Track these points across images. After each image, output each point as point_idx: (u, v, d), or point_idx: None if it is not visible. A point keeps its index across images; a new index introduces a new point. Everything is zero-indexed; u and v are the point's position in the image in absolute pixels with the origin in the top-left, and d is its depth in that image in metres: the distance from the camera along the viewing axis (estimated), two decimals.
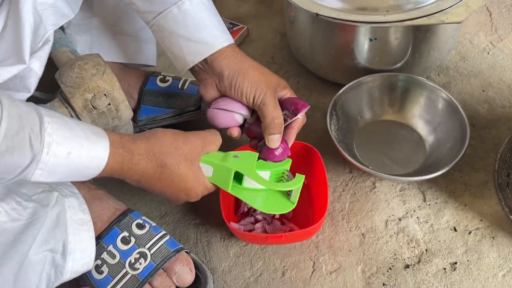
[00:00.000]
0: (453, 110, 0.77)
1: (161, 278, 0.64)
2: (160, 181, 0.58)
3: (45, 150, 0.47)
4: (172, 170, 0.57)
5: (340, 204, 0.75)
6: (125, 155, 0.54)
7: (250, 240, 0.72)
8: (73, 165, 0.50)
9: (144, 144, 0.56)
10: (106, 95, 0.66)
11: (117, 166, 0.54)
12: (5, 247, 0.53)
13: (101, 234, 0.64)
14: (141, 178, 0.57)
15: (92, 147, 0.51)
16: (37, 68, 0.58)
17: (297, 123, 0.68)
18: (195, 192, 0.60)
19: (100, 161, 0.52)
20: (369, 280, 0.67)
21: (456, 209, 0.73)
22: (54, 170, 0.49)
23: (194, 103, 0.79)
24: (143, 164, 0.56)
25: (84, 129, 0.52)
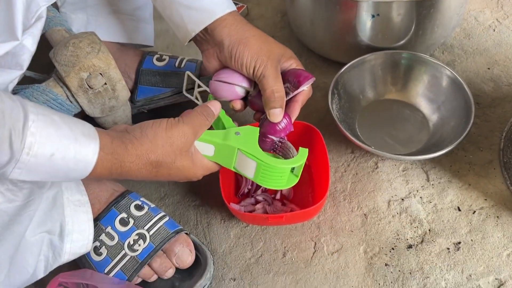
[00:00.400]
0: (457, 88, 0.76)
1: (160, 259, 0.63)
2: (157, 177, 0.55)
3: (25, 151, 0.44)
4: (168, 166, 0.55)
5: (342, 184, 0.74)
6: (114, 162, 0.51)
7: (250, 221, 0.71)
8: (55, 167, 0.47)
9: (135, 150, 0.52)
10: (102, 74, 0.64)
11: (105, 172, 0.51)
12: (0, 228, 0.52)
13: (99, 216, 0.63)
14: (135, 178, 0.55)
15: (79, 150, 0.48)
16: (29, 44, 0.56)
17: (301, 96, 0.65)
18: (195, 176, 0.59)
19: (86, 165, 0.49)
20: (371, 260, 0.66)
21: (460, 189, 0.72)
22: (35, 170, 0.46)
23: (192, 81, 0.77)
24: (135, 170, 0.53)
25: (73, 129, 0.48)
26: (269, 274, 0.66)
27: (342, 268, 0.66)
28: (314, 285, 0.65)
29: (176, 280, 0.65)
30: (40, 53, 0.74)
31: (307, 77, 0.62)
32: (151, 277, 0.64)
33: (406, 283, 0.64)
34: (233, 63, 0.62)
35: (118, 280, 0.62)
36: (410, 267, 0.65)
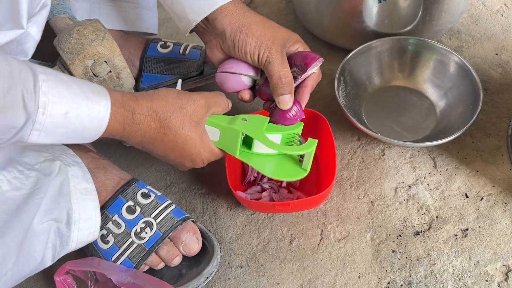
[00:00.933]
0: (465, 74, 0.75)
1: (167, 247, 0.63)
2: (163, 143, 0.55)
3: (40, 110, 0.45)
4: (176, 131, 0.55)
5: (348, 171, 0.74)
6: (126, 115, 0.52)
7: (257, 209, 0.71)
8: (71, 126, 0.48)
9: (146, 102, 0.53)
10: (107, 61, 0.64)
11: (119, 127, 0.52)
12: (7, 216, 0.52)
13: (106, 204, 0.63)
14: (143, 139, 0.55)
15: (91, 106, 0.48)
16: (34, 33, 0.56)
17: (311, 81, 0.63)
18: (200, 157, 0.58)
19: (101, 122, 0.50)
20: (378, 247, 0.66)
21: (468, 175, 0.71)
22: (52, 131, 0.47)
23: (196, 68, 0.77)
24: (145, 124, 0.53)
25: (82, 87, 0.49)
26: (276, 261, 0.66)
27: (349, 255, 0.66)
28: (321, 272, 0.65)
29: (183, 267, 0.65)
30: (44, 41, 0.73)
31: (314, 58, 0.60)
32: (158, 264, 0.64)
33: (413, 270, 0.64)
34: (237, 52, 0.61)
35: (126, 268, 0.62)
36: (417, 254, 0.65)
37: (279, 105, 0.60)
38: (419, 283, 0.63)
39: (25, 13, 0.54)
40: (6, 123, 0.43)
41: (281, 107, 0.60)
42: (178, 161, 0.59)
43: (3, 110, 0.42)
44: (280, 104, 0.60)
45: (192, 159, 0.58)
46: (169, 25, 0.99)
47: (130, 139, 0.55)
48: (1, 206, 0.52)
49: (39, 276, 0.65)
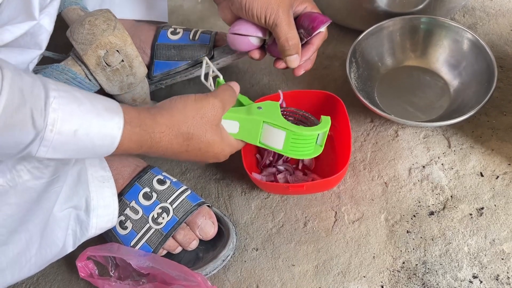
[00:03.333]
0: (479, 51, 0.74)
1: (184, 231, 0.65)
2: (188, 153, 0.55)
3: (49, 128, 0.44)
4: (199, 139, 0.55)
5: (362, 154, 0.74)
6: (143, 134, 0.50)
7: (271, 190, 0.71)
8: (81, 144, 0.47)
9: (165, 120, 0.52)
10: (119, 51, 0.65)
11: (134, 146, 0.50)
12: (30, 204, 0.54)
13: (123, 191, 0.65)
14: (166, 153, 0.54)
15: (103, 124, 0.47)
16: (47, 24, 0.57)
17: (317, 40, 0.65)
18: (223, 154, 0.59)
19: (112, 140, 0.48)
20: (393, 228, 0.67)
21: (483, 154, 0.71)
22: (61, 148, 0.46)
23: (206, 53, 0.77)
24: (166, 141, 0.52)
25: (95, 104, 0.47)
26: (290, 243, 0.67)
27: (364, 236, 0.66)
28: (335, 253, 0.66)
29: (200, 251, 0.66)
30: (57, 33, 0.74)
31: (322, 21, 0.62)
32: (176, 249, 0.65)
33: (428, 249, 0.64)
34: (245, 14, 0.62)
35: (144, 253, 0.64)
36: (432, 234, 0.65)
37: (288, 64, 0.64)
38: (434, 262, 0.63)
39: (37, 4, 0.55)
40: (14, 139, 0.43)
41: (289, 65, 0.64)
42: (202, 161, 0.59)
43: (12, 127, 0.42)
44: (288, 63, 0.64)
45: (214, 157, 0.58)
46: (180, 13, 0.99)
47: (150, 154, 0.54)
48: (23, 195, 0.54)
49: (62, 262, 0.68)
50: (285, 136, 0.59)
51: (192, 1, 1.01)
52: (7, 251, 0.53)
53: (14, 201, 0.53)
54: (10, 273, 0.54)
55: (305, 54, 0.65)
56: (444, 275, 0.62)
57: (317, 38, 0.65)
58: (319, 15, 0.62)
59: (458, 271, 0.62)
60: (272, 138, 0.60)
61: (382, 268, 0.64)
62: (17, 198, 0.54)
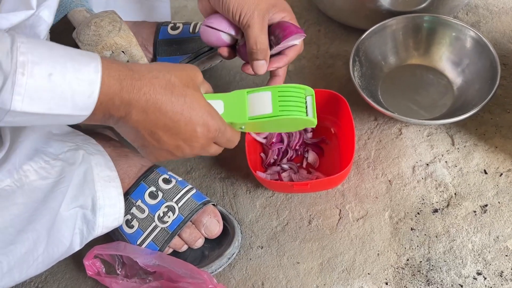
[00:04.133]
0: (482, 49, 0.74)
1: (189, 230, 0.65)
2: (172, 103, 0.49)
3: (19, 70, 0.41)
4: (182, 88, 0.50)
5: (366, 152, 0.74)
6: (122, 71, 0.47)
7: (276, 189, 0.72)
8: (58, 90, 0.43)
9: (143, 65, 0.50)
10: (125, 52, 0.65)
11: (115, 84, 0.46)
12: (36, 204, 0.55)
13: (129, 190, 0.66)
14: (149, 101, 0.48)
15: (79, 68, 0.44)
16: (46, 16, 0.56)
17: (291, 52, 0.63)
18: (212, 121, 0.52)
19: (92, 85, 0.45)
20: (397, 225, 0.67)
21: (487, 152, 0.71)
22: (37, 96, 0.42)
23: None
24: (147, 80, 0.48)
25: (68, 50, 0.45)
26: (295, 241, 0.68)
27: (368, 234, 0.67)
28: (340, 251, 0.66)
29: (206, 249, 0.67)
30: (64, 34, 0.75)
31: (293, 31, 0.60)
32: (182, 247, 0.66)
33: (432, 246, 0.64)
34: (221, 7, 0.61)
35: (150, 251, 0.64)
36: (436, 231, 0.66)
37: (253, 69, 0.62)
38: (438, 259, 0.63)
39: None
40: None
41: (255, 70, 0.61)
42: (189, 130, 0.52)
43: None
44: (254, 68, 0.61)
45: (204, 121, 0.52)
46: (183, 13, 1.00)
47: (132, 104, 0.48)
48: (30, 195, 0.55)
49: (69, 260, 0.68)
50: (271, 95, 0.56)
51: (196, 1, 1.01)
52: (15, 250, 0.54)
53: (21, 201, 0.54)
54: (18, 271, 0.55)
55: (276, 62, 0.63)
56: (448, 272, 0.62)
57: (291, 50, 0.63)
58: (292, 26, 0.60)
59: (462, 268, 0.62)
60: (259, 105, 0.56)
61: (387, 265, 0.64)
62: (24, 198, 0.54)
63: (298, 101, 0.57)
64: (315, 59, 0.86)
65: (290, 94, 0.57)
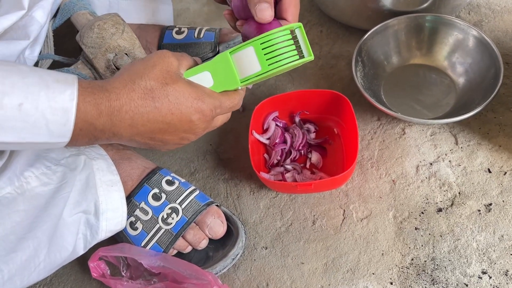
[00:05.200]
0: (485, 48, 0.74)
1: (193, 231, 0.65)
2: (157, 109, 0.48)
3: None
4: (161, 89, 0.48)
5: (369, 152, 0.74)
6: (97, 94, 0.46)
7: (280, 189, 0.72)
8: (30, 120, 0.43)
9: (116, 80, 0.48)
10: (128, 54, 0.66)
11: (92, 110, 0.45)
12: (38, 211, 0.55)
13: (132, 193, 0.66)
14: (134, 117, 0.47)
15: (53, 96, 0.43)
16: (39, 17, 0.56)
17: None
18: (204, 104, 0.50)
19: (66, 114, 0.44)
20: (401, 225, 0.67)
21: (490, 151, 0.71)
22: (8, 126, 0.42)
23: (211, 49, 0.78)
24: (125, 97, 0.47)
25: (43, 77, 0.44)
26: (299, 242, 0.68)
27: (372, 234, 0.67)
28: (344, 251, 0.66)
29: (210, 250, 0.67)
30: (67, 38, 0.76)
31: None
32: (186, 248, 0.66)
33: (437, 246, 0.64)
34: None
35: (155, 253, 0.64)
36: (440, 230, 0.65)
37: (256, 16, 0.52)
38: (443, 258, 0.63)
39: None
40: None
41: (259, 17, 0.52)
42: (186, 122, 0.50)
43: None
44: (258, 15, 0.52)
45: (196, 108, 0.50)
46: (186, 16, 1.01)
47: (117, 125, 0.47)
48: (31, 201, 0.55)
49: (75, 262, 0.69)
50: (254, 50, 0.50)
51: (198, 3, 1.02)
52: (15, 258, 0.53)
53: (23, 208, 0.54)
54: (19, 279, 0.54)
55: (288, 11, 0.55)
56: (453, 271, 0.62)
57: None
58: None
59: (467, 267, 0.62)
60: (246, 65, 0.51)
61: (391, 265, 0.64)
62: (26, 205, 0.54)
63: (286, 45, 0.51)
64: (318, 60, 0.86)
65: (275, 42, 0.50)
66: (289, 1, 0.56)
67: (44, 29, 0.62)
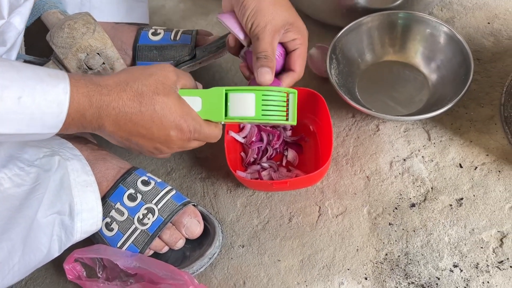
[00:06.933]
0: (456, 45, 0.75)
1: (170, 231, 0.65)
2: (141, 113, 0.51)
3: None
4: (151, 96, 0.51)
5: (344, 148, 0.75)
6: (90, 87, 0.49)
7: (256, 187, 0.72)
8: (28, 112, 0.45)
9: (111, 77, 0.51)
10: (99, 53, 0.65)
11: (85, 101, 0.48)
12: (11, 212, 0.54)
13: (108, 193, 0.65)
14: (119, 114, 0.50)
15: (47, 89, 0.46)
16: (17, 23, 0.56)
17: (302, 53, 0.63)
18: (185, 124, 0.54)
19: (60, 106, 0.46)
20: (375, 220, 0.68)
21: (462, 146, 0.72)
22: (7, 118, 0.44)
23: (189, 52, 0.78)
24: (115, 95, 0.50)
25: (37, 72, 0.46)
26: (276, 239, 0.68)
27: (347, 230, 0.68)
28: (320, 247, 0.67)
29: (187, 250, 0.67)
30: (38, 36, 0.75)
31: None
32: (162, 248, 0.66)
33: (410, 241, 0.65)
34: (238, 10, 0.61)
35: (131, 253, 0.64)
36: (413, 225, 0.67)
37: (257, 77, 0.59)
38: (416, 253, 0.65)
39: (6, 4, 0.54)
40: None
41: (259, 78, 0.59)
42: (163, 135, 0.53)
43: None
44: (258, 77, 0.59)
45: (176, 125, 0.53)
46: (162, 13, 1.00)
47: (103, 118, 0.50)
48: (4, 203, 0.54)
49: (50, 264, 0.68)
50: (255, 98, 0.56)
51: (174, 0, 1.01)
52: None
53: None
54: None
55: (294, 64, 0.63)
56: (426, 265, 0.64)
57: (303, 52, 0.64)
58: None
59: (439, 261, 0.64)
60: (241, 107, 0.56)
61: (366, 260, 0.65)
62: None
63: (280, 105, 0.58)
64: None
65: (273, 98, 0.57)
66: (298, 55, 0.63)
67: (21, 35, 0.61)
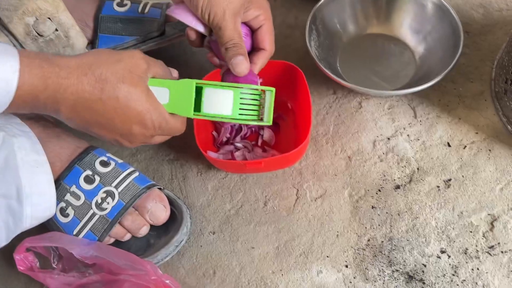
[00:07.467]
0: (444, 15, 0.70)
1: (132, 217, 0.59)
2: (102, 102, 0.47)
3: None
4: (115, 84, 0.47)
5: (324, 127, 0.70)
6: (46, 68, 0.45)
7: (228, 169, 0.66)
8: None
9: (73, 58, 0.47)
10: (51, 18, 0.58)
11: (39, 82, 0.45)
12: None
13: (62, 175, 0.59)
14: (77, 100, 0.47)
15: None
16: None
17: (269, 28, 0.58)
18: (150, 118, 0.50)
19: (7, 84, 0.43)
20: (357, 203, 0.63)
21: (450, 123, 0.67)
22: None
23: (157, 28, 0.71)
24: (75, 78, 0.46)
25: None
26: (250, 225, 0.63)
27: (327, 214, 0.62)
28: (297, 233, 0.61)
29: (152, 237, 0.61)
30: None
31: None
32: (124, 236, 0.60)
33: (394, 225, 0.61)
34: (188, 2, 0.55)
35: (88, 241, 0.58)
36: (398, 208, 0.62)
37: (233, 69, 0.55)
38: (401, 238, 0.60)
39: None
40: None
41: (237, 70, 0.55)
42: (125, 128, 0.50)
43: None
44: (234, 68, 0.55)
45: (140, 120, 0.50)
46: None
47: (60, 102, 0.47)
48: None
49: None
50: (233, 96, 0.52)
51: None
52: None
53: None
54: None
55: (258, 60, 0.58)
56: (411, 251, 0.59)
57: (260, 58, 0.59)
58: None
59: (425, 247, 0.59)
60: (217, 103, 0.52)
61: (347, 247, 0.60)
62: None
63: (256, 104, 0.54)
64: None
65: (251, 97, 0.54)
66: (265, 31, 0.58)
67: None
